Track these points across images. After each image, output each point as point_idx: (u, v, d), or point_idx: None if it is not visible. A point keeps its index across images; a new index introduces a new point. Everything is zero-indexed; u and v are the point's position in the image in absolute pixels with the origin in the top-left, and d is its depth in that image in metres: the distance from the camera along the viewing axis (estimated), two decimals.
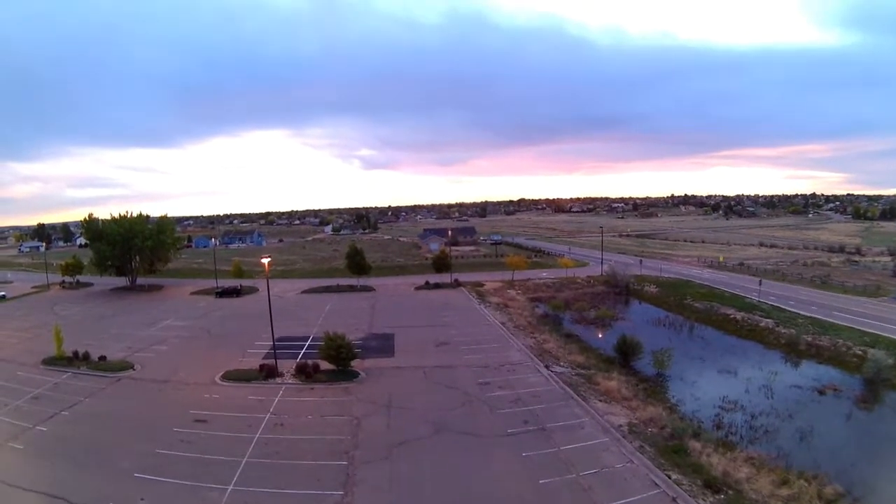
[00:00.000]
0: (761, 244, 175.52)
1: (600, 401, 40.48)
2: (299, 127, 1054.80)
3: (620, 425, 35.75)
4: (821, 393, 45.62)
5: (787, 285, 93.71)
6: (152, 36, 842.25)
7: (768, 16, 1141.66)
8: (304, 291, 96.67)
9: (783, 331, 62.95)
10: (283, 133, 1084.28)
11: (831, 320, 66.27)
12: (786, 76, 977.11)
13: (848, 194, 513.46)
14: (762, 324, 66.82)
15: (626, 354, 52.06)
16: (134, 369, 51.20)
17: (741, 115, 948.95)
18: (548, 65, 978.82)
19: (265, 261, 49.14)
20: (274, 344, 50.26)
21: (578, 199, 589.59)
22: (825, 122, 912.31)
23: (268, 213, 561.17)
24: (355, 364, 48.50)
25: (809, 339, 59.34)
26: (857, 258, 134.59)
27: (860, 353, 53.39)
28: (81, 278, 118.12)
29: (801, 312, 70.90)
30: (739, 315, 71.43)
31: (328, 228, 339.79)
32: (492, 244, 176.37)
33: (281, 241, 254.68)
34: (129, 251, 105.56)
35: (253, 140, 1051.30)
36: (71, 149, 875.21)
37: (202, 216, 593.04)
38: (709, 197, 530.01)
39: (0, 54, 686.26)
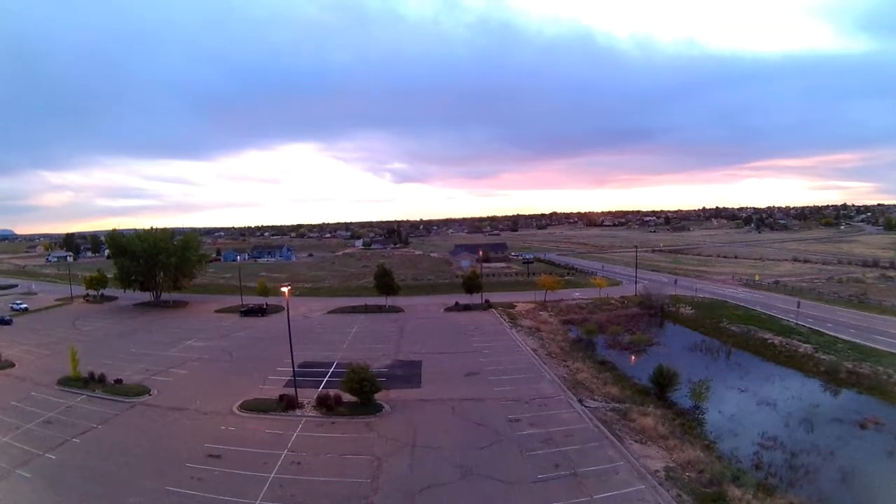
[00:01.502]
0: (795, 259, 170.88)
1: (636, 441, 38.37)
2: (330, 140, 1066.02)
3: (657, 470, 33.75)
4: (862, 427, 43.73)
5: (824, 305, 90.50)
6: (183, 48, 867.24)
7: (794, 24, 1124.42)
8: (331, 311, 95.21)
9: (823, 357, 60.72)
10: (314, 146, 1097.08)
11: (871, 345, 63.94)
12: (812, 85, 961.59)
13: (878, 204, 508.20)
14: (801, 349, 64.36)
15: (662, 386, 49.70)
16: (150, 394, 50.41)
17: (769, 125, 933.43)
18: (577, 76, 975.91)
19: (285, 289, 47.77)
20: (294, 372, 48.87)
21: (610, 212, 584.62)
22: (853, 131, 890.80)
23: (299, 226, 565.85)
24: (380, 395, 46.61)
25: (850, 366, 57.20)
26: (891, 273, 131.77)
27: None
28: (106, 292, 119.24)
29: (841, 336, 68.42)
30: (777, 340, 68.84)
31: (359, 243, 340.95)
32: (524, 262, 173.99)
33: (311, 255, 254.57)
34: (154, 267, 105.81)
35: (285, 153, 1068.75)
36: (102, 159, 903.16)
37: (234, 228, 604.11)
38: (740, 209, 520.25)
39: (33, 64, 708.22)
